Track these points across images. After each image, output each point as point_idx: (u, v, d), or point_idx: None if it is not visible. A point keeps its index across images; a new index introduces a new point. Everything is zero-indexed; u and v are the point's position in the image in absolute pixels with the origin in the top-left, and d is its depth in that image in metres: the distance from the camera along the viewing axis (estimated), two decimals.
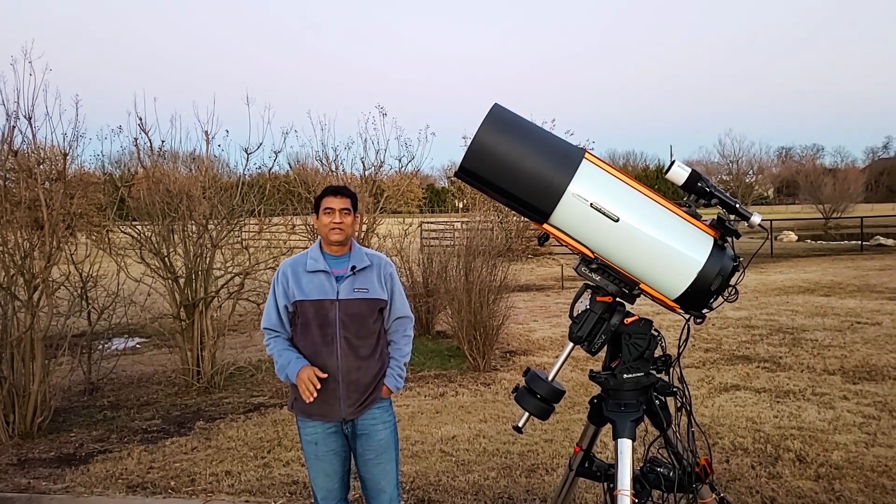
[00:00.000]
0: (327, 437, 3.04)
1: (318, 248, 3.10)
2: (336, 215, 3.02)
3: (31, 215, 6.25)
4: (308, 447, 3.08)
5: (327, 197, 3.07)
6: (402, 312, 3.19)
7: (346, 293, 2.99)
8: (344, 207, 3.04)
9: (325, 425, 3.03)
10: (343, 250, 3.09)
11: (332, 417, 3.01)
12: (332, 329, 2.97)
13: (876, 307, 10.81)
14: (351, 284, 3.01)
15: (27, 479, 4.80)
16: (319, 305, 2.98)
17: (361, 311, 3.01)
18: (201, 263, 7.14)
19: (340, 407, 2.99)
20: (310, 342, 3.00)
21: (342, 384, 2.97)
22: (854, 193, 43.92)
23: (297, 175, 10.25)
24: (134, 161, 8.08)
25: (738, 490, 4.18)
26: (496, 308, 7.81)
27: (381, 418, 3.09)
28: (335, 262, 3.06)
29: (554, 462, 4.70)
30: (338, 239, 3.03)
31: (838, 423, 5.33)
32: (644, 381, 2.46)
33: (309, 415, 3.04)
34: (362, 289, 3.02)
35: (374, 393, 3.06)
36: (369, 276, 3.06)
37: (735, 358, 7.68)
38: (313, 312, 2.98)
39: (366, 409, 3.04)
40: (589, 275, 2.43)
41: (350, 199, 3.09)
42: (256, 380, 7.41)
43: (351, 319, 2.98)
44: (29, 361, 5.85)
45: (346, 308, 2.98)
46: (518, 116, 2.35)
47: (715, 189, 2.36)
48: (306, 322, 3.00)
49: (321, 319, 2.97)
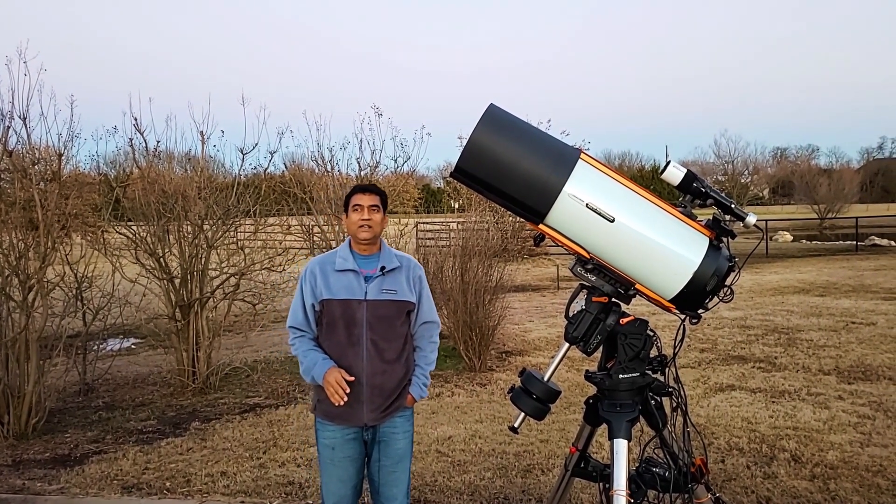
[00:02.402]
0: (345, 443, 2.95)
1: (347, 247, 3.03)
2: (364, 212, 2.96)
3: (25, 216, 6.23)
4: (324, 451, 2.98)
5: (356, 194, 3.02)
6: (430, 317, 3.13)
7: (374, 294, 2.93)
8: (373, 204, 2.98)
9: (345, 430, 2.94)
10: (372, 249, 3.03)
11: (353, 422, 2.92)
12: (358, 330, 2.90)
13: (871, 307, 10.86)
14: (379, 285, 2.94)
15: (22, 480, 4.78)
16: (346, 305, 2.91)
17: (389, 312, 2.94)
18: (196, 264, 7.12)
19: (363, 411, 2.90)
20: (335, 342, 2.93)
21: (366, 387, 2.89)
22: (849, 194, 44.03)
23: (292, 175, 10.22)
24: (129, 161, 8.09)
25: (733, 490, 4.18)
26: (492, 308, 7.82)
27: (402, 427, 3.01)
28: (364, 262, 2.99)
29: (550, 462, 4.70)
30: (366, 236, 2.96)
31: (833, 423, 5.34)
32: (640, 382, 2.46)
33: (331, 417, 2.94)
34: (391, 290, 2.96)
35: (399, 400, 2.98)
36: (398, 277, 3.00)
37: (730, 358, 7.70)
38: (340, 312, 2.91)
39: (389, 415, 2.95)
40: (584, 275, 2.43)
41: (379, 196, 3.03)
42: (252, 380, 7.39)
43: (378, 321, 2.92)
44: (24, 362, 5.83)
45: (373, 309, 2.91)
46: (514, 117, 2.35)
47: (710, 189, 2.36)
48: (332, 322, 2.93)
49: (348, 319, 2.90)
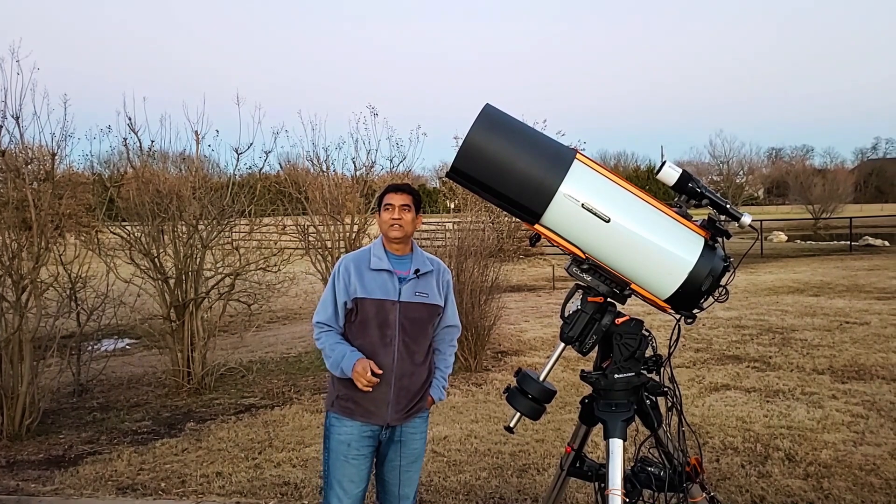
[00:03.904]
0: (361, 440, 2.92)
1: (381, 246, 3.01)
2: (395, 211, 2.94)
3: (18, 216, 6.19)
4: (338, 447, 2.93)
5: (388, 194, 2.99)
6: (453, 321, 3.15)
7: (407, 296, 2.92)
8: (404, 204, 2.95)
9: (363, 427, 2.92)
10: (405, 250, 3.02)
11: (374, 420, 2.91)
12: (391, 331, 2.89)
13: (864, 307, 10.90)
14: (413, 288, 2.94)
15: (16, 481, 4.76)
16: (381, 305, 2.89)
17: (421, 315, 2.95)
18: (191, 264, 7.10)
19: (388, 411, 2.90)
20: (368, 341, 2.90)
21: (394, 388, 2.89)
22: (843, 194, 44.17)
23: (287, 175, 10.22)
24: (123, 161, 8.04)
25: (727, 489, 4.20)
26: (487, 308, 7.81)
27: (420, 428, 3.04)
28: (398, 263, 2.98)
29: (545, 462, 4.71)
30: (397, 235, 2.94)
31: (827, 423, 5.36)
32: (635, 381, 2.47)
33: (350, 414, 2.92)
34: (423, 293, 2.96)
35: (421, 402, 2.99)
36: (430, 281, 3.00)
37: (725, 358, 7.72)
38: (374, 312, 2.89)
39: (411, 416, 2.97)
40: (580, 275, 2.43)
41: (412, 195, 3.00)
42: (247, 381, 7.37)
43: (411, 323, 2.92)
44: (17, 363, 5.79)
45: (406, 311, 2.91)
46: (510, 117, 2.35)
47: (706, 189, 2.37)
48: (364, 320, 2.91)
49: (381, 320, 2.89)
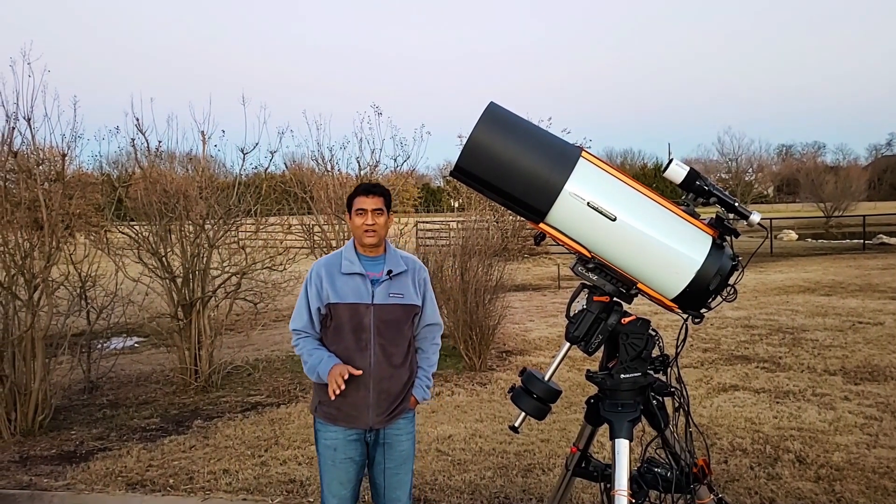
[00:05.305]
0: (347, 444, 2.91)
1: (352, 249, 2.97)
2: (368, 216, 2.89)
3: (30, 216, 6.26)
4: (325, 452, 2.94)
5: (359, 197, 2.93)
6: (433, 319, 3.10)
7: (381, 298, 2.88)
8: (377, 208, 2.90)
9: (347, 432, 2.90)
10: (378, 251, 2.97)
11: (357, 425, 2.89)
12: (366, 335, 2.86)
13: (878, 307, 10.78)
14: (386, 289, 2.90)
15: (29, 476, 4.81)
16: (354, 309, 2.86)
17: (397, 316, 2.90)
18: (198, 263, 7.13)
19: (369, 415, 2.87)
20: (343, 346, 2.88)
21: (373, 392, 2.86)
22: (856, 191, 43.64)
23: (293, 175, 10.24)
24: (131, 161, 8.09)
25: (736, 491, 4.16)
26: (492, 308, 7.79)
27: (406, 429, 2.99)
28: (370, 265, 2.94)
29: (550, 462, 4.69)
30: (372, 242, 2.91)
31: (839, 424, 5.31)
32: (641, 381, 2.45)
33: (333, 420, 2.90)
34: (398, 294, 2.91)
35: (403, 403, 2.95)
36: (405, 280, 2.95)
37: (734, 358, 7.66)
38: (348, 316, 2.86)
39: (393, 419, 2.93)
40: (586, 274, 2.41)
41: (383, 197, 2.95)
42: (254, 379, 7.40)
43: (386, 325, 2.88)
44: (30, 360, 5.87)
45: (380, 313, 2.87)
46: (514, 115, 2.33)
47: (714, 187, 2.33)
48: (339, 325, 2.88)
49: (355, 324, 2.86)
